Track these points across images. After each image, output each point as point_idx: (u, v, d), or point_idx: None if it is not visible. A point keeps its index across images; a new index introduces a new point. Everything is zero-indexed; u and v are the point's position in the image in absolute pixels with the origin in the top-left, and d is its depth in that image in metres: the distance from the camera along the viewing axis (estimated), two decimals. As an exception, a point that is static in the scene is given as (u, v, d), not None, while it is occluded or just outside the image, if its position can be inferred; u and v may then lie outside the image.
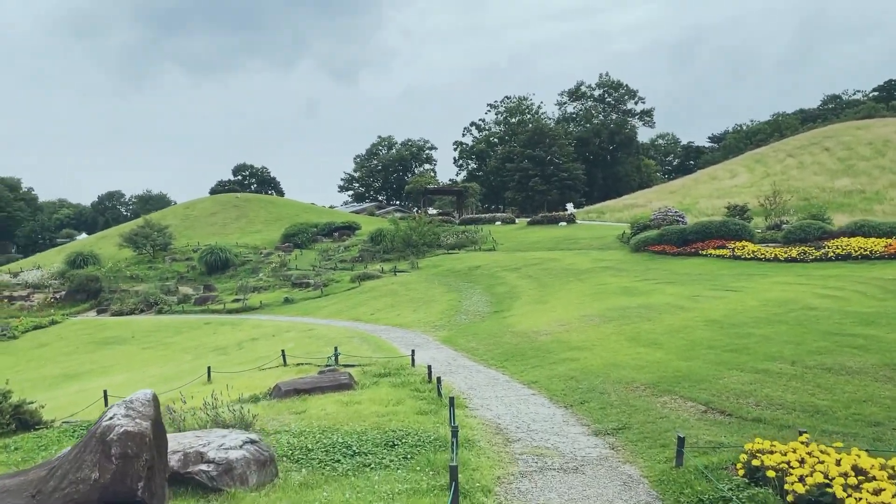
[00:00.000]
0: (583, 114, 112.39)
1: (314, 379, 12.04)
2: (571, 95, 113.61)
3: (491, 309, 24.99)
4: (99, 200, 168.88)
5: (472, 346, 18.36)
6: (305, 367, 15.84)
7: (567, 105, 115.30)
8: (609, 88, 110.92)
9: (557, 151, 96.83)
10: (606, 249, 37.23)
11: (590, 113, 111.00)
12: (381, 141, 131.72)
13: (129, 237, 59.35)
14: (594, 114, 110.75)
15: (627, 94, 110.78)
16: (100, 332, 35.12)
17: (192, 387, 15.30)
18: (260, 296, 40.08)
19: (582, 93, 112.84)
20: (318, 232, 61.30)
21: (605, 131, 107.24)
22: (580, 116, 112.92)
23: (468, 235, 47.94)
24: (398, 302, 29.57)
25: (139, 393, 5.34)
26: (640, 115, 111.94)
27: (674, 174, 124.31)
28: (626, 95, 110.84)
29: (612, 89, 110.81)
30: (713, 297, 20.47)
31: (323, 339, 21.07)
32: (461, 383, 13.17)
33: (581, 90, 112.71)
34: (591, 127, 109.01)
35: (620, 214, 63.08)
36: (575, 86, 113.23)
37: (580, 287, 26.03)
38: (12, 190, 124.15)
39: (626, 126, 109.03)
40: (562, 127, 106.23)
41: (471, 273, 34.10)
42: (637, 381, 11.59)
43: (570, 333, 17.65)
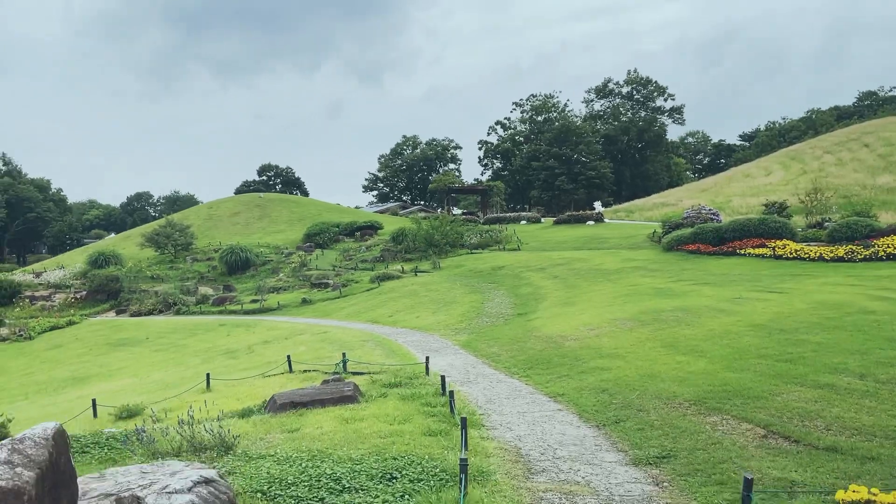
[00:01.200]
0: (610, 111, 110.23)
1: (314, 390, 10.77)
2: (599, 93, 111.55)
3: (514, 311, 23.58)
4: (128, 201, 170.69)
5: (494, 352, 16.98)
6: (312, 375, 14.61)
7: (594, 102, 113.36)
8: (637, 85, 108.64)
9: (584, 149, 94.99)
10: (637, 249, 35.59)
11: (618, 110, 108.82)
12: (405, 141, 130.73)
13: (150, 237, 58.92)
14: (622, 111, 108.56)
15: (656, 90, 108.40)
16: (115, 333, 34.36)
17: (189, 395, 14.16)
18: (278, 296, 39.08)
19: (609, 90, 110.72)
20: (340, 231, 60.33)
21: (634, 129, 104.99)
22: (608, 114, 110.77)
23: (492, 235, 46.52)
24: (418, 303, 28.28)
25: (37, 428, 4.07)
26: (669, 112, 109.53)
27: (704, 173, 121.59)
28: (656, 92, 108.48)
29: (641, 86, 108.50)
30: (756, 299, 18.84)
31: (336, 343, 19.84)
32: (479, 395, 11.80)
33: (609, 87, 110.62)
34: (619, 125, 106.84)
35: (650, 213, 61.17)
36: (602, 83, 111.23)
37: (610, 288, 24.50)
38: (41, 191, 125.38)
39: (655, 123, 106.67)
40: (589, 125, 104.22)
41: (494, 273, 32.69)
42: (679, 396, 10.13)
43: (601, 339, 16.18)
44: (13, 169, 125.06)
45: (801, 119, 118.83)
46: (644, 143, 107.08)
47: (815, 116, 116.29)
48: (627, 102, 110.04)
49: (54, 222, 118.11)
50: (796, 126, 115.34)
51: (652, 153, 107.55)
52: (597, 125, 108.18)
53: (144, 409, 12.61)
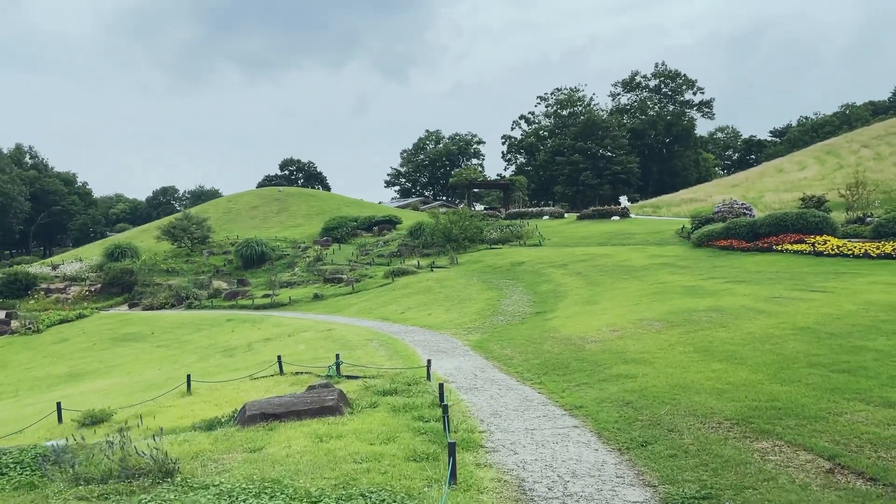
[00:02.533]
0: (637, 105, 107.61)
1: (292, 399, 9.35)
2: (626, 86, 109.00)
3: (532, 309, 22.01)
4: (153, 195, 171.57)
5: (507, 355, 15.46)
6: (303, 378, 13.22)
7: (621, 96, 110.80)
8: (666, 78, 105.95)
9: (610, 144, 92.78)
10: (664, 245, 33.78)
11: (645, 104, 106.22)
12: (428, 135, 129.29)
13: (167, 230, 58.17)
14: (649, 105, 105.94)
15: (685, 84, 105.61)
16: (122, 327, 33.42)
17: (167, 398, 12.84)
18: (290, 291, 37.89)
19: (637, 83, 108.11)
20: (358, 226, 59.09)
21: (662, 123, 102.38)
22: (635, 108, 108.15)
23: (513, 230, 44.89)
24: (431, 300, 26.83)
25: None
26: (698, 106, 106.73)
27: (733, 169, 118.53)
28: (684, 86, 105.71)
29: (669, 79, 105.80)
30: (798, 298, 17.08)
31: (339, 342, 18.46)
32: (484, 406, 10.30)
33: (636, 80, 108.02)
34: (646, 119, 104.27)
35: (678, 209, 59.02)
36: (629, 76, 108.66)
37: (635, 286, 22.82)
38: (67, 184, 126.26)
39: (683, 118, 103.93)
40: (615, 119, 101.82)
41: (513, 269, 31.12)
42: (718, 413, 8.53)
43: (625, 341, 14.58)
44: (39, 163, 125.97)
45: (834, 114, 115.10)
46: (672, 137, 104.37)
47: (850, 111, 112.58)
48: (655, 96, 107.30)
49: (78, 215, 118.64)
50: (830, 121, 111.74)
51: (680, 148, 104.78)
52: (623, 119, 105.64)
53: (112, 414, 11.31)
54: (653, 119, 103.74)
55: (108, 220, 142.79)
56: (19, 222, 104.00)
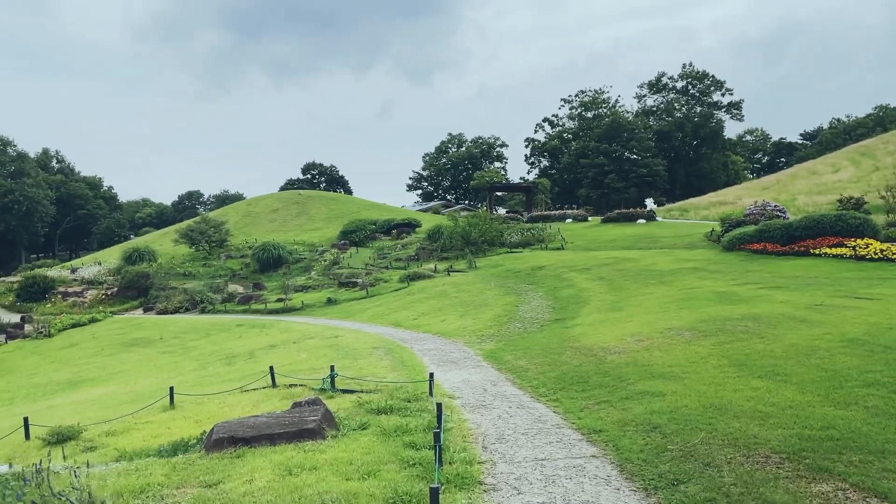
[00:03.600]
0: (664, 107, 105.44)
1: (267, 420, 8.18)
2: (652, 87, 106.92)
3: (552, 316, 20.68)
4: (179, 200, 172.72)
5: (521, 366, 14.18)
6: (296, 391, 12.08)
7: (647, 98, 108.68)
8: (693, 79, 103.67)
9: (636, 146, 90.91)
10: (693, 248, 32.22)
11: (671, 106, 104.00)
12: (451, 139, 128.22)
13: (184, 233, 57.72)
14: (676, 107, 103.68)
15: (713, 84, 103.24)
16: (132, 332, 32.67)
17: (148, 412, 11.77)
18: (303, 295, 36.93)
19: (663, 84, 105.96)
20: (376, 229, 58.10)
21: (689, 125, 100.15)
22: (661, 110, 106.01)
23: (534, 233, 43.52)
24: (446, 305, 25.62)
25: None
26: (727, 107, 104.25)
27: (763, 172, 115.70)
28: (713, 86, 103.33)
29: (697, 80, 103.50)
30: (843, 306, 15.59)
31: (343, 351, 17.32)
32: (489, 428, 9.05)
33: (662, 82, 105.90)
34: (672, 120, 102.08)
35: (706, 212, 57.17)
36: (656, 77, 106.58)
37: (663, 291, 21.40)
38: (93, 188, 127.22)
39: (711, 119, 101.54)
40: (641, 120, 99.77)
41: (533, 273, 29.79)
42: (764, 444, 7.20)
43: (651, 353, 13.23)
44: (66, 167, 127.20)
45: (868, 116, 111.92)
46: (699, 139, 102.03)
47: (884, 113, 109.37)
48: (682, 97, 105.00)
49: (103, 219, 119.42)
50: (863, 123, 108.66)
51: (708, 150, 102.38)
52: (649, 121, 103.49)
53: (81, 432, 10.27)
54: (680, 121, 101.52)
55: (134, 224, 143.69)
56: (45, 226, 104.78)
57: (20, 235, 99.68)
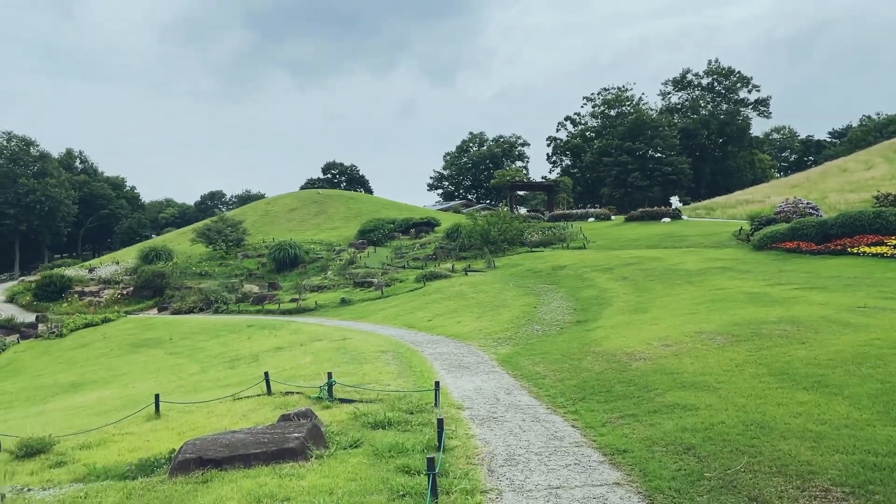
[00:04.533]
0: (689, 104, 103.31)
1: (245, 437, 7.22)
2: (676, 84, 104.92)
3: (572, 318, 19.55)
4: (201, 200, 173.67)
5: (538, 372, 13.11)
6: (292, 399, 11.14)
7: (671, 95, 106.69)
8: (719, 76, 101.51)
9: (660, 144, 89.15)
10: (721, 247, 30.85)
11: (697, 103, 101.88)
12: (472, 138, 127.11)
13: (201, 232, 57.29)
14: (702, 104, 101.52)
15: (740, 81, 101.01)
16: (143, 332, 32.06)
17: (132, 421, 10.90)
18: (317, 296, 36.11)
19: (688, 81, 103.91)
20: (395, 228, 57.21)
21: (715, 122, 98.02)
22: (686, 107, 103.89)
23: (555, 232, 42.31)
24: (463, 306, 24.58)
25: None
26: (754, 104, 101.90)
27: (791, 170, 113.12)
28: (739, 83, 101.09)
29: (723, 77, 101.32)
30: (890, 308, 14.32)
31: (349, 354, 16.37)
32: (499, 446, 8.01)
33: (687, 79, 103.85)
34: (698, 118, 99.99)
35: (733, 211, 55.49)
36: (680, 74, 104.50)
37: (690, 292, 20.18)
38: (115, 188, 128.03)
39: (738, 117, 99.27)
40: (665, 118, 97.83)
41: (554, 273, 28.65)
42: (820, 473, 6.08)
43: (681, 359, 12.09)
44: (89, 167, 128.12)
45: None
46: (725, 137, 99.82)
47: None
48: (707, 94, 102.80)
49: (125, 219, 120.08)
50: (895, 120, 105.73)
51: (734, 148, 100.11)
52: (674, 119, 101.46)
53: (53, 444, 9.39)
54: (705, 118, 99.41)
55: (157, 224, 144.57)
56: (67, 226, 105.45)
57: (43, 235, 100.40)
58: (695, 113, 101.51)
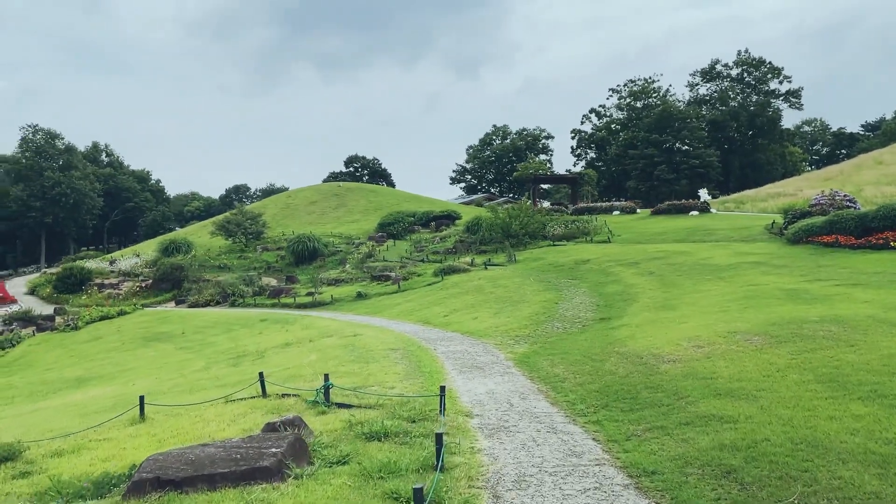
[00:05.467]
0: (718, 95, 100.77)
1: (215, 452, 6.32)
2: (705, 75, 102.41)
3: (595, 315, 18.46)
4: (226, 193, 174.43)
5: (557, 374, 12.09)
6: (287, 403, 10.25)
7: (699, 87, 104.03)
8: (749, 67, 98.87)
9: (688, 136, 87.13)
10: (752, 241, 29.47)
11: (726, 94, 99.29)
12: (495, 131, 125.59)
13: (221, 225, 56.95)
14: (731, 95, 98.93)
15: (771, 72, 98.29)
16: (157, 326, 31.55)
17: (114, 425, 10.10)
18: (334, 289, 35.37)
19: (717, 72, 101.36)
20: (415, 221, 56.31)
21: (744, 114, 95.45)
22: (714, 98, 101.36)
23: (579, 225, 41.07)
24: (481, 301, 23.59)
25: None
26: (785, 95, 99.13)
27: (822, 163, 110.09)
28: (770, 74, 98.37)
29: (753, 67, 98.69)
30: (946, 308, 13.06)
31: (357, 352, 15.46)
32: (507, 463, 7.02)
33: (716, 69, 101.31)
34: (726, 110, 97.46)
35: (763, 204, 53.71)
36: (709, 64, 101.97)
37: (721, 288, 18.98)
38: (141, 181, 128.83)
39: (768, 108, 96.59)
40: (693, 110, 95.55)
41: (577, 268, 27.53)
42: (893, 510, 5.01)
43: (714, 362, 11.00)
44: (115, 161, 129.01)
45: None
46: (755, 129, 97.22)
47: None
48: (737, 86, 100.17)
49: (149, 212, 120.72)
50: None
51: (764, 141, 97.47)
52: (702, 110, 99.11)
53: (23, 451, 8.63)
54: (735, 110, 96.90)
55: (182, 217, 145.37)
56: (93, 218, 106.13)
57: (68, 227, 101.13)
58: (724, 104, 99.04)
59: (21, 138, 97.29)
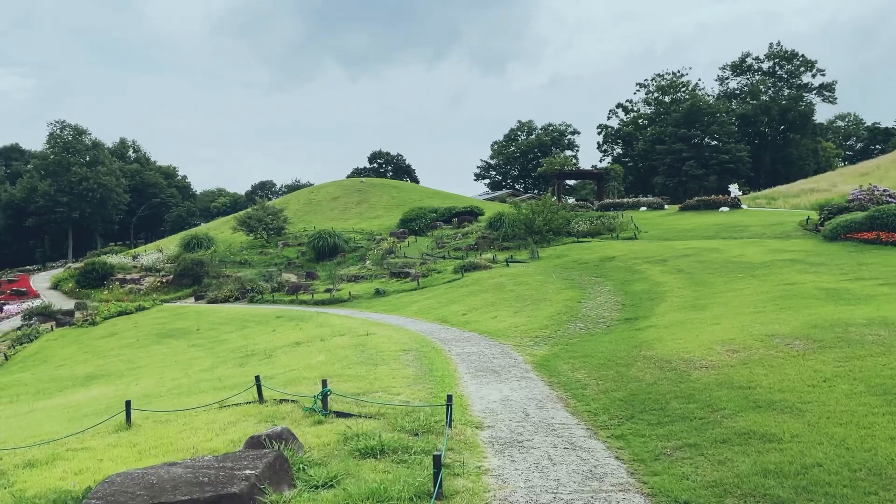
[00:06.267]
0: (748, 89, 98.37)
1: (181, 474, 5.55)
2: (735, 69, 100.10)
3: (620, 315, 17.48)
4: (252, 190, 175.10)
5: (578, 380, 11.19)
6: (284, 409, 9.49)
7: (729, 80, 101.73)
8: (781, 60, 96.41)
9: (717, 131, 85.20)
10: (786, 238, 28.17)
11: (757, 88, 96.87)
12: (520, 126, 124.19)
13: (242, 220, 56.70)
14: (762, 89, 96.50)
15: (804, 65, 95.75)
16: (173, 322, 31.14)
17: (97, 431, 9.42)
18: (353, 286, 34.68)
19: (748, 66, 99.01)
20: (437, 217, 55.47)
21: (776, 108, 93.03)
22: (745, 93, 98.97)
23: (604, 221, 39.92)
24: (501, 299, 22.70)
25: None
26: (818, 89, 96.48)
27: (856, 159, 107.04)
28: (802, 67, 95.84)
29: (785, 60, 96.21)
30: None
31: (367, 353, 14.68)
32: (517, 488, 6.16)
33: (746, 63, 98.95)
34: (757, 104, 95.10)
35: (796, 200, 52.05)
36: (739, 58, 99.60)
37: (755, 287, 17.87)
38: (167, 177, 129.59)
39: (800, 102, 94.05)
40: (723, 104, 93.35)
41: (602, 265, 26.49)
42: None
43: (752, 369, 10.02)
44: (141, 156, 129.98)
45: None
46: (787, 124, 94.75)
47: None
48: (769, 79, 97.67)
49: (174, 207, 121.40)
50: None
51: (796, 136, 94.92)
52: (732, 105, 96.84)
53: (-8, 460, 7.95)
54: (766, 104, 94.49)
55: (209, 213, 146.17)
56: (119, 213, 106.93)
57: (95, 223, 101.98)
58: (754, 98, 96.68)
59: (49, 134, 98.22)
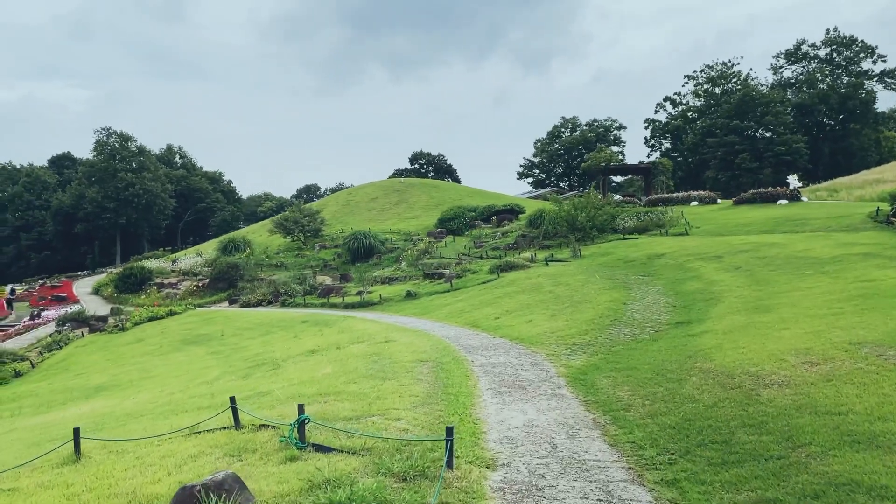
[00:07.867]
0: (804, 78, 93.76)
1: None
2: (789, 57, 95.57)
3: (671, 318, 15.43)
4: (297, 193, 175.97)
5: (620, 399, 9.30)
6: (261, 437, 7.86)
7: (783, 69, 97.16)
8: (838, 46, 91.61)
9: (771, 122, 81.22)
10: (855, 231, 25.52)
11: (813, 76, 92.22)
12: (563, 123, 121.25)
13: (279, 223, 55.91)
14: (819, 77, 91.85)
15: (863, 51, 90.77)
16: (200, 327, 30.13)
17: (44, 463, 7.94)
18: (385, 288, 33.15)
19: (803, 53, 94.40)
20: (476, 216, 53.61)
21: (834, 97, 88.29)
22: (800, 81, 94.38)
23: (653, 217, 37.52)
24: (537, 301, 20.79)
25: None
26: (879, 76, 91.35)
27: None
28: (862, 53, 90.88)
29: (843, 47, 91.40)
30: None
31: (379, 363, 13.01)
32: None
33: (802, 50, 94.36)
34: (814, 93, 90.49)
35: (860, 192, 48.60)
36: (794, 45, 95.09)
37: (827, 285, 15.59)
38: (213, 182, 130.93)
39: (860, 90, 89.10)
40: (777, 94, 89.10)
41: (650, 263, 24.35)
42: None
43: (838, 387, 8.00)
44: (188, 162, 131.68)
45: None
46: (846, 113, 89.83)
47: None
48: (826, 67, 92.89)
49: (219, 212, 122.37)
50: None
51: (856, 125, 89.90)
52: (787, 94, 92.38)
53: None
54: (823, 93, 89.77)
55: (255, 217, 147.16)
56: (165, 218, 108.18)
57: (141, 228, 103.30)
58: (811, 87, 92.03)
59: (95, 141, 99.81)
